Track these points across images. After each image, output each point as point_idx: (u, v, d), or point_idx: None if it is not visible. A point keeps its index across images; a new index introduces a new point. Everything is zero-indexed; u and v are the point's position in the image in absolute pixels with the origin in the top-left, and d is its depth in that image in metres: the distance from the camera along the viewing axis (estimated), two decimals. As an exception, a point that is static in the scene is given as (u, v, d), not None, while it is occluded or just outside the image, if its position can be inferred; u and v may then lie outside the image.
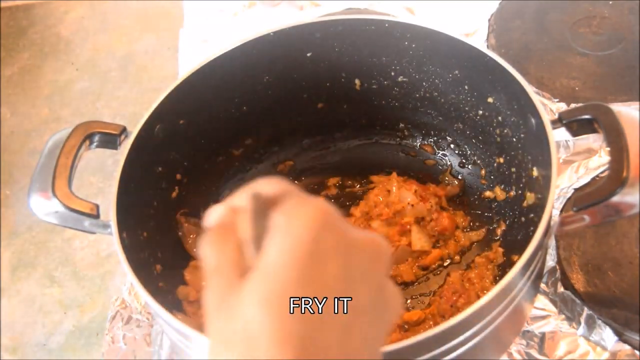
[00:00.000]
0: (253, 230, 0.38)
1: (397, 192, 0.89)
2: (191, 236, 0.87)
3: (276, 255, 0.36)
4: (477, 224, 0.89)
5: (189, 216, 0.88)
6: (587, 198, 0.64)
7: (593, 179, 0.91)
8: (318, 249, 0.36)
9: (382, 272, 0.40)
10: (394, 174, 0.92)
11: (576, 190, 0.90)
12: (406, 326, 0.80)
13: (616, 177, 0.62)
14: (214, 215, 0.41)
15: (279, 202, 0.38)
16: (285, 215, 0.37)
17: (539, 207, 0.68)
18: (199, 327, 0.80)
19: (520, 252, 0.63)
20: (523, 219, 0.80)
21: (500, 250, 0.84)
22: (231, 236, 0.39)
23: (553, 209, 0.66)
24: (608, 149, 0.64)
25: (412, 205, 0.88)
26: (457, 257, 0.87)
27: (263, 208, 0.38)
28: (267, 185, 0.40)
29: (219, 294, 0.37)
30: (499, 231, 0.86)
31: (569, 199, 0.89)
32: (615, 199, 0.62)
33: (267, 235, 0.37)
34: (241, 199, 0.40)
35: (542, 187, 0.73)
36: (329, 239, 0.36)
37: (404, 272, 0.86)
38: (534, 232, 0.64)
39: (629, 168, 0.61)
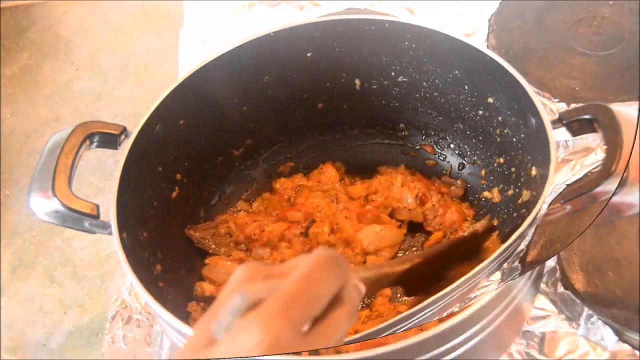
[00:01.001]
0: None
1: (399, 189, 0.89)
2: (204, 241, 0.88)
3: None
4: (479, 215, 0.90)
5: (193, 223, 0.89)
6: (575, 191, 0.64)
7: (585, 174, 0.91)
8: None
9: None
10: (402, 167, 0.93)
11: (568, 185, 0.90)
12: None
13: (605, 170, 0.62)
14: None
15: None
16: (246, 324, 0.43)
17: (532, 203, 0.68)
18: None
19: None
20: (515, 214, 0.81)
21: (495, 247, 0.84)
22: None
23: (543, 204, 0.66)
24: (605, 147, 0.65)
25: (410, 210, 0.89)
26: None
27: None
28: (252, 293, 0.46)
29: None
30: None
31: (560, 193, 0.89)
32: (616, 199, 0.62)
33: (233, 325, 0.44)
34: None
35: (539, 185, 0.73)
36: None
37: None
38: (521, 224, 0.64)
39: (619, 162, 0.62)
